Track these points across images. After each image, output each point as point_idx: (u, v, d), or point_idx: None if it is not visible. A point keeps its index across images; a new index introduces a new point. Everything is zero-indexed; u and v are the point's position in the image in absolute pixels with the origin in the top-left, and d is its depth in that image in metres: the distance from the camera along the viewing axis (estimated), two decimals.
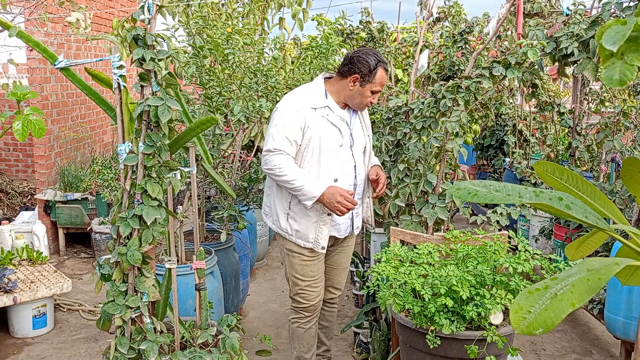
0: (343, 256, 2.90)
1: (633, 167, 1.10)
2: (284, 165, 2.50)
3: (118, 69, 2.08)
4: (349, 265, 2.99)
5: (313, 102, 2.55)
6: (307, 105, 2.53)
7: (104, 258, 2.15)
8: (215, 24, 3.83)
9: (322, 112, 2.55)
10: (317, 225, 2.61)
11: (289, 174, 2.49)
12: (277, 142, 2.51)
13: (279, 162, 2.50)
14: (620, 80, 0.81)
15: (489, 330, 1.98)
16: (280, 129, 2.52)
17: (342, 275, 2.94)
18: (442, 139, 2.75)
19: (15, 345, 3.66)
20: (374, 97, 2.59)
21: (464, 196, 1.13)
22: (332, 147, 2.56)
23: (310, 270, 2.73)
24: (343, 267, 2.93)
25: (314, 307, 2.83)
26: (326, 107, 2.57)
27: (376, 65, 2.54)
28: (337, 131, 2.58)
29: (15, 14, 4.11)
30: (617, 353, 3.50)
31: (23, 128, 2.31)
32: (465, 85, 2.69)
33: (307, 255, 2.69)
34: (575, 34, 3.17)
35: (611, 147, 4.02)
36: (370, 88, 2.56)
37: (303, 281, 2.75)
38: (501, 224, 2.88)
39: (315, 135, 2.51)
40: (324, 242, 2.64)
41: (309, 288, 2.76)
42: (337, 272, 2.91)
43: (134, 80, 2.29)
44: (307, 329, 2.86)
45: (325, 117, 2.55)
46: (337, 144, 2.57)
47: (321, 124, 2.54)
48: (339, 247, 2.85)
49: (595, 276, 0.91)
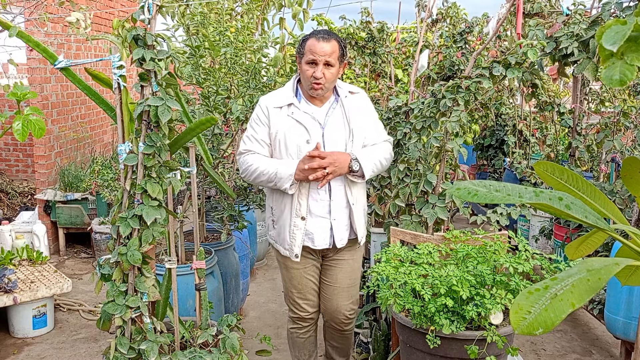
0: (339, 272, 2.63)
1: (633, 167, 1.10)
2: (253, 161, 2.51)
3: (118, 69, 2.08)
4: (352, 285, 2.67)
5: (277, 101, 2.53)
6: (272, 105, 2.52)
7: (104, 258, 2.15)
8: (211, 23, 3.83)
9: (286, 111, 2.50)
10: (291, 231, 2.52)
11: (260, 165, 2.48)
12: (246, 144, 2.56)
13: (248, 161, 2.53)
14: (620, 80, 0.81)
15: (489, 330, 1.98)
16: (249, 130, 2.58)
17: (341, 295, 2.64)
18: (442, 139, 2.75)
19: (15, 345, 3.66)
20: (313, 69, 2.43)
21: (464, 196, 1.13)
22: (296, 144, 2.47)
23: (296, 281, 2.65)
24: (341, 287, 2.64)
25: (310, 319, 2.75)
26: (291, 105, 2.51)
27: (307, 38, 2.48)
28: (302, 128, 2.48)
29: (15, 14, 4.11)
30: (617, 353, 3.50)
31: (23, 128, 2.31)
32: (465, 85, 2.69)
33: (289, 264, 2.62)
34: (575, 34, 3.16)
35: (611, 147, 4.01)
36: (305, 61, 2.45)
37: (291, 292, 2.70)
38: (501, 224, 2.88)
39: (280, 133, 2.48)
40: (297, 250, 2.53)
41: (299, 300, 2.69)
42: (334, 291, 2.65)
43: (134, 80, 2.29)
44: (307, 338, 2.80)
45: (290, 115, 2.49)
46: (302, 140, 2.47)
47: (285, 122, 2.49)
48: (331, 260, 2.64)
49: (595, 276, 0.91)
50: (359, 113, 2.57)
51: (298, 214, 2.50)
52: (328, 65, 2.44)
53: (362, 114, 2.59)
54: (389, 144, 2.68)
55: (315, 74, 2.42)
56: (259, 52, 3.73)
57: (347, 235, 2.58)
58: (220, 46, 3.52)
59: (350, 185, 2.52)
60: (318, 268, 2.69)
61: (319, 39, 2.43)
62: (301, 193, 2.49)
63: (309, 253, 2.61)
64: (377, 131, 2.64)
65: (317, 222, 2.52)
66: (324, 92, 2.51)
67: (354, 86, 2.69)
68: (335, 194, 2.52)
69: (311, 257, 2.63)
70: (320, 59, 2.42)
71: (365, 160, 2.48)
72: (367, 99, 2.68)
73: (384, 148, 2.62)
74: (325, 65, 2.44)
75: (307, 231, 2.53)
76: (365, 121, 2.58)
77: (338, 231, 2.55)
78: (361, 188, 2.62)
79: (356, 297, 2.73)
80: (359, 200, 2.60)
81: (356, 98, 2.61)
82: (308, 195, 2.49)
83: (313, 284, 2.68)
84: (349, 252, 2.63)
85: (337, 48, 2.46)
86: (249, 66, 3.57)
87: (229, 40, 3.63)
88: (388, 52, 4.97)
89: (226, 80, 3.63)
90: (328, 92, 2.56)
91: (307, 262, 2.63)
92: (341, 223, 2.55)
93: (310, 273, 2.65)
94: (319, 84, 2.45)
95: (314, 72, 2.43)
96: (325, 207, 2.51)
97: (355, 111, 2.56)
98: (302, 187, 2.48)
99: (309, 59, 2.43)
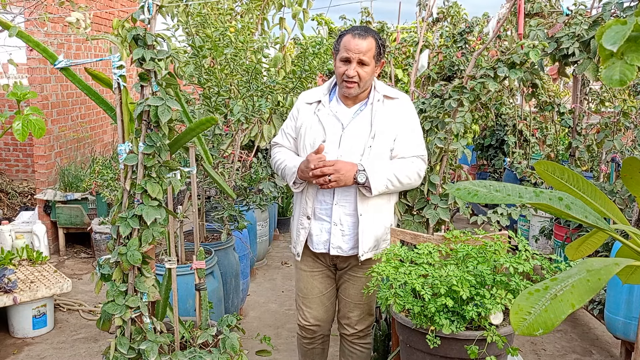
0: (350, 287, 2.52)
1: (633, 167, 1.10)
2: (275, 153, 2.57)
3: (118, 69, 2.08)
4: (365, 302, 2.54)
5: (309, 97, 2.51)
6: (305, 100, 2.52)
7: (104, 258, 2.15)
8: (213, 23, 3.83)
9: (314, 107, 2.47)
10: (297, 229, 2.51)
11: (278, 158, 2.53)
12: (277, 137, 2.61)
13: (273, 153, 2.60)
14: (620, 80, 0.81)
15: (489, 331, 1.98)
16: (284, 124, 2.62)
17: (352, 310, 2.55)
18: (446, 139, 2.74)
19: (15, 345, 3.66)
20: (346, 67, 2.32)
21: (464, 196, 1.13)
22: (312, 142, 2.42)
23: (302, 283, 2.59)
24: (353, 302, 2.54)
25: (311, 330, 2.62)
26: (319, 102, 2.46)
27: (343, 33, 2.38)
28: (321, 126, 2.41)
29: (15, 14, 4.11)
30: (617, 353, 3.50)
31: (23, 128, 2.31)
32: (471, 86, 2.69)
33: (297, 263, 2.59)
34: (577, 34, 3.17)
35: (611, 147, 4.02)
36: (339, 58, 2.36)
37: (298, 295, 2.64)
38: (501, 224, 2.88)
39: (303, 128, 2.46)
40: (299, 249, 2.50)
41: (302, 305, 2.61)
42: (345, 304, 2.57)
43: (134, 80, 2.29)
44: (310, 349, 2.71)
45: (316, 112, 2.45)
46: (319, 139, 2.40)
47: (309, 119, 2.45)
48: (344, 274, 2.54)
49: (595, 276, 0.91)
50: (390, 120, 2.39)
51: (304, 212, 2.47)
52: (362, 64, 2.32)
53: (394, 121, 2.39)
54: (421, 161, 2.45)
55: (348, 72, 2.31)
56: (259, 52, 3.73)
57: (348, 246, 2.43)
58: (222, 47, 3.52)
59: (361, 195, 2.37)
60: (331, 279, 2.59)
61: (354, 36, 2.31)
62: (308, 192, 2.45)
63: (318, 258, 2.54)
64: (410, 144, 2.42)
65: (318, 224, 2.46)
66: (357, 91, 2.37)
67: (396, 91, 2.51)
68: (340, 198, 2.40)
69: (320, 263, 2.55)
70: (354, 57, 2.30)
71: (376, 174, 2.31)
72: (407, 106, 2.46)
73: (409, 164, 2.40)
74: (359, 64, 2.32)
75: (310, 232, 2.48)
76: (395, 130, 2.39)
77: (336, 238, 2.42)
78: (383, 202, 2.45)
79: (370, 312, 2.59)
80: (376, 215, 2.42)
81: (393, 103, 2.42)
82: (315, 196, 2.44)
83: (320, 293, 2.57)
84: (360, 269, 2.48)
85: (374, 46, 2.33)
86: (249, 66, 3.57)
87: (229, 41, 3.63)
88: (388, 52, 4.97)
89: (227, 81, 3.63)
90: (363, 93, 2.42)
91: (316, 266, 2.55)
92: (345, 231, 2.42)
93: (319, 279, 2.56)
94: (351, 83, 2.33)
95: (346, 70, 2.32)
96: (327, 210, 2.43)
97: (385, 117, 2.38)
98: (310, 186, 2.43)
99: (343, 56, 2.33)
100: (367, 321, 2.60)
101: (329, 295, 2.60)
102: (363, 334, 2.61)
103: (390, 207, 2.52)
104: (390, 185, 2.36)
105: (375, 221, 2.43)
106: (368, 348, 2.66)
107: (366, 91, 2.43)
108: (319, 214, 2.46)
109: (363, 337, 2.63)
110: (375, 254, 2.30)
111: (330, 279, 2.59)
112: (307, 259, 2.56)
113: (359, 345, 2.63)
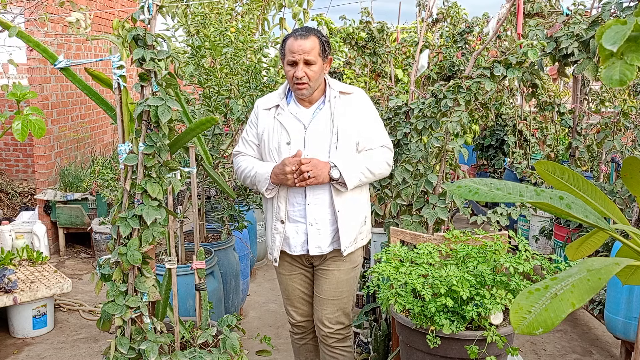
0: (324, 283, 2.49)
1: (633, 167, 1.10)
2: (240, 162, 2.52)
3: (118, 69, 2.08)
4: (337, 298, 2.50)
5: (267, 102, 2.50)
6: (262, 106, 2.50)
7: (104, 258, 2.15)
8: (212, 23, 3.83)
9: (273, 112, 2.45)
10: (272, 234, 2.47)
11: (245, 167, 2.48)
12: (239, 146, 2.58)
13: (237, 162, 2.54)
14: (620, 80, 0.81)
15: (489, 330, 1.98)
16: (243, 132, 2.58)
17: (326, 307, 2.51)
18: (443, 139, 2.75)
19: (15, 345, 3.66)
20: (294, 69, 2.32)
21: (465, 194, 1.13)
22: (277, 146, 2.40)
23: (283, 287, 2.61)
24: (326, 298, 2.50)
25: (301, 326, 2.68)
26: (277, 107, 2.45)
27: (286, 38, 2.38)
28: (284, 129, 2.40)
29: (15, 14, 4.11)
30: (617, 353, 3.50)
31: (23, 128, 2.31)
32: (467, 86, 2.69)
33: (277, 268, 2.58)
34: (576, 34, 3.17)
35: (611, 147, 4.02)
36: (286, 62, 2.36)
37: (283, 297, 2.67)
38: (501, 224, 2.88)
39: (265, 134, 2.44)
40: (276, 254, 2.48)
41: (288, 306, 2.65)
42: (319, 302, 2.53)
43: (134, 80, 2.29)
44: (302, 345, 2.75)
45: (276, 116, 2.43)
46: (283, 142, 2.39)
47: (270, 124, 2.44)
48: (317, 270, 2.53)
49: (596, 276, 0.91)
50: (350, 115, 2.40)
51: (278, 217, 2.43)
52: (308, 64, 2.32)
53: (354, 115, 2.41)
54: (387, 150, 2.48)
55: (296, 73, 2.32)
56: (259, 52, 3.73)
57: (326, 243, 2.42)
58: (221, 47, 3.52)
59: (337, 190, 2.37)
60: (309, 278, 2.59)
61: (296, 37, 2.33)
62: (280, 196, 2.41)
63: (295, 260, 2.52)
64: (373, 135, 2.45)
65: (294, 226, 2.42)
66: (310, 91, 2.38)
67: (350, 86, 2.53)
68: (313, 198, 2.38)
69: (297, 265, 2.53)
70: (299, 58, 2.31)
71: (348, 168, 2.32)
72: (364, 99, 2.48)
73: (378, 155, 2.43)
74: (306, 64, 2.32)
75: (286, 235, 2.44)
76: (356, 124, 2.40)
77: (314, 237, 2.40)
78: (357, 195, 2.46)
79: (345, 311, 2.54)
80: (353, 208, 2.43)
81: (349, 98, 2.44)
82: (286, 199, 2.41)
83: (301, 293, 2.60)
84: (333, 262, 2.47)
85: (317, 44, 2.34)
86: (249, 66, 3.58)
87: (230, 40, 3.63)
88: (388, 52, 4.97)
89: (227, 80, 3.63)
90: (318, 93, 2.43)
91: (293, 269, 2.55)
92: (321, 229, 2.40)
93: (298, 281, 2.57)
94: (302, 84, 2.34)
95: (294, 72, 2.33)
96: (301, 211, 2.40)
97: (344, 112, 2.40)
98: (281, 190, 2.40)
99: (289, 60, 2.34)
100: (343, 321, 2.55)
101: (310, 294, 2.62)
102: (341, 335, 2.55)
103: (364, 197, 2.51)
104: (363, 177, 2.37)
105: (353, 214, 2.43)
106: (349, 352, 2.61)
107: (320, 89, 2.43)
108: (292, 216, 2.42)
109: (342, 340, 2.56)
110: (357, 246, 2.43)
111: (309, 279, 2.59)
112: (284, 263, 2.54)
113: (339, 349, 2.57)
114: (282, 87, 2.52)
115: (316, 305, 2.56)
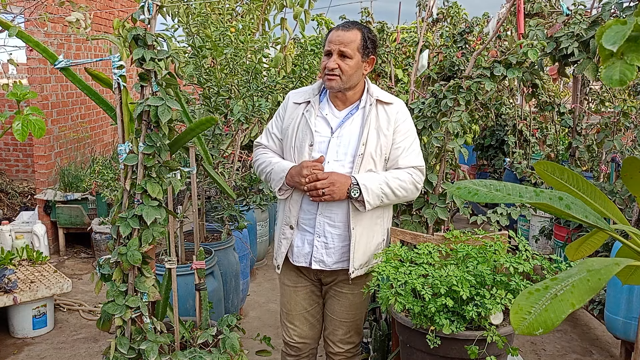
0: (336, 303, 2.34)
1: (633, 167, 1.10)
2: (258, 156, 2.40)
3: (118, 69, 2.08)
4: (351, 320, 2.36)
5: (298, 97, 2.33)
6: (293, 99, 2.34)
7: (104, 258, 2.15)
8: (212, 24, 3.83)
9: (303, 108, 2.29)
10: (279, 239, 2.33)
11: (262, 161, 2.35)
12: (261, 137, 2.43)
13: (256, 155, 2.42)
14: (620, 80, 0.81)
15: (489, 331, 1.98)
16: (268, 124, 2.43)
17: (338, 328, 2.36)
18: (443, 139, 2.75)
19: (15, 345, 3.66)
20: (328, 60, 2.17)
21: (465, 195, 1.13)
22: (298, 145, 2.24)
23: (285, 299, 2.43)
24: (338, 319, 2.35)
25: (297, 349, 2.44)
26: (308, 103, 2.28)
27: (330, 30, 2.26)
28: (309, 129, 2.22)
29: (15, 14, 4.11)
30: (617, 353, 3.50)
31: (23, 128, 2.31)
32: (467, 86, 2.69)
33: (280, 277, 2.43)
34: (576, 34, 3.17)
35: (611, 147, 4.02)
36: (324, 53, 2.23)
37: (282, 310, 2.47)
38: (501, 224, 2.88)
39: (290, 129, 2.29)
40: (280, 260, 2.33)
41: (286, 321, 2.44)
42: (330, 321, 2.39)
43: (134, 80, 2.29)
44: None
45: (305, 113, 2.26)
46: (305, 142, 2.22)
47: (297, 120, 2.27)
48: (331, 289, 2.36)
49: (595, 276, 0.91)
50: (384, 126, 2.21)
51: (287, 222, 2.28)
52: (344, 56, 2.15)
53: (388, 128, 2.21)
54: (418, 172, 2.26)
55: (328, 64, 2.15)
56: (259, 52, 3.73)
57: (332, 260, 2.25)
58: (222, 47, 3.52)
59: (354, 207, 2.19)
60: (316, 295, 2.41)
61: (338, 28, 2.19)
62: (293, 200, 2.25)
63: (301, 272, 2.37)
64: (407, 154, 2.24)
65: (301, 235, 2.28)
66: (340, 86, 2.19)
67: (391, 95, 2.31)
68: (325, 209, 2.22)
69: (304, 277, 2.38)
70: (335, 48, 2.15)
71: (369, 188, 2.14)
72: (403, 112, 2.27)
73: (405, 176, 2.22)
74: (341, 56, 2.15)
75: (292, 243, 2.30)
76: (388, 138, 2.21)
77: (318, 251, 2.24)
78: (378, 213, 2.27)
79: (357, 330, 2.42)
80: (370, 228, 2.26)
81: (387, 109, 2.24)
82: (300, 204, 2.25)
83: (304, 311, 2.40)
84: (346, 284, 2.31)
85: (359, 38, 2.16)
86: (250, 66, 3.58)
87: (230, 41, 3.63)
88: (388, 52, 4.97)
89: (227, 81, 3.63)
90: (353, 95, 2.25)
91: (299, 281, 2.38)
92: (329, 244, 2.24)
93: (302, 296, 2.39)
94: (333, 76, 2.15)
95: (328, 62, 2.16)
96: (311, 220, 2.25)
97: (378, 123, 2.20)
98: (296, 193, 2.24)
99: (325, 50, 2.19)
100: (355, 340, 2.42)
101: (313, 313, 2.42)
102: (350, 354, 2.42)
103: (385, 217, 2.34)
104: (385, 199, 2.19)
105: (369, 236, 2.26)
106: None
107: (357, 92, 2.26)
108: (302, 224, 2.27)
109: (350, 358, 2.44)
110: (369, 269, 2.25)
111: (316, 295, 2.41)
112: (290, 273, 2.38)
113: None
114: (318, 82, 2.36)
115: (327, 324, 2.42)
